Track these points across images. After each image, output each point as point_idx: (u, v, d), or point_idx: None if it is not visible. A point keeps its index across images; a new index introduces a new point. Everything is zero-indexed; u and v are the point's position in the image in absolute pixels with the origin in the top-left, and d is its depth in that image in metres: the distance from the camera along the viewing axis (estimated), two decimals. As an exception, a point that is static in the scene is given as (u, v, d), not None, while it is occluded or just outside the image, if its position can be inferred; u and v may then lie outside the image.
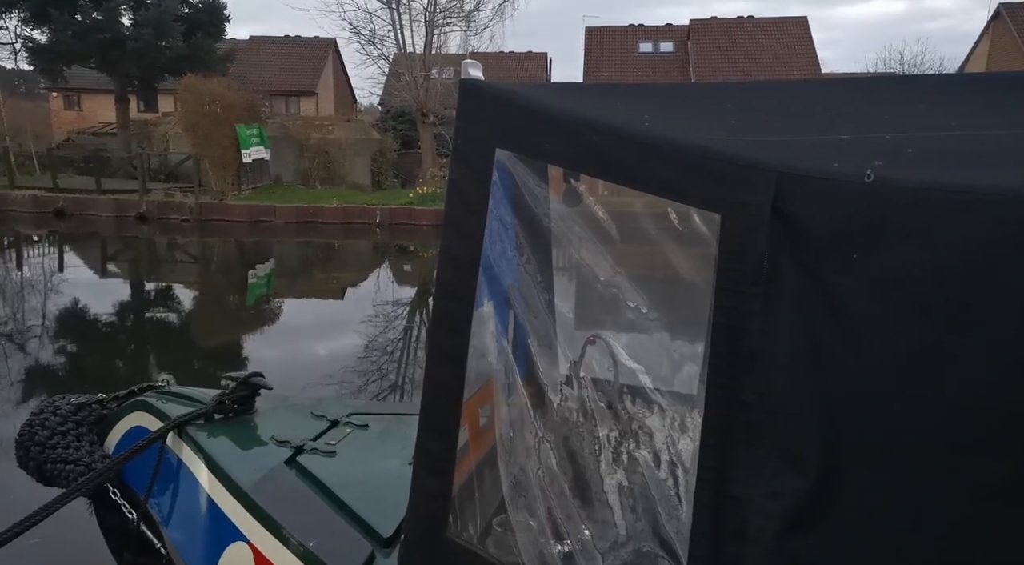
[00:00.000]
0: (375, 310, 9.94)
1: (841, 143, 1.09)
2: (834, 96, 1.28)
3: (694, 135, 1.14)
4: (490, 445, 1.51)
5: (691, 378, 1.26)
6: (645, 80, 27.97)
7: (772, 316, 1.02)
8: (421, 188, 19.26)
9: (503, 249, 1.40)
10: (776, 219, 1.01)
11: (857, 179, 0.97)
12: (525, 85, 1.46)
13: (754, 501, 1.00)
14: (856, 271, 0.97)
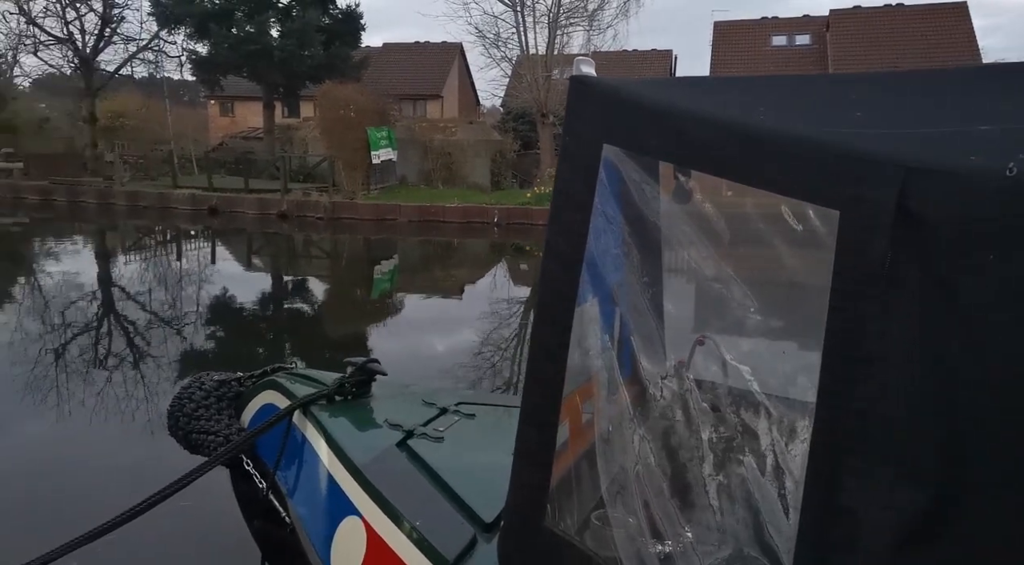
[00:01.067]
0: (490, 307, 10.16)
1: (979, 135, 1.00)
2: (972, 85, 1.18)
3: (813, 128, 1.09)
4: (591, 440, 1.52)
5: (802, 383, 1.20)
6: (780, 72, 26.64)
7: (892, 320, 0.96)
8: (538, 188, 19.44)
9: (608, 246, 1.40)
10: (900, 216, 0.95)
11: (997, 173, 0.90)
12: (635, 80, 1.45)
13: (865, 512, 0.94)
14: (989, 274, 0.89)
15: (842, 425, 0.99)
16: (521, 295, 11.96)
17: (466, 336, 8.31)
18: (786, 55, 28.16)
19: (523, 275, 13.64)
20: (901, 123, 1.08)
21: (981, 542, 0.87)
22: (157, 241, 17.15)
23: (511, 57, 22.67)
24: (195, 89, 34.81)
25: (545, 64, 20.91)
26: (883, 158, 0.99)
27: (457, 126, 23.86)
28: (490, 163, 22.43)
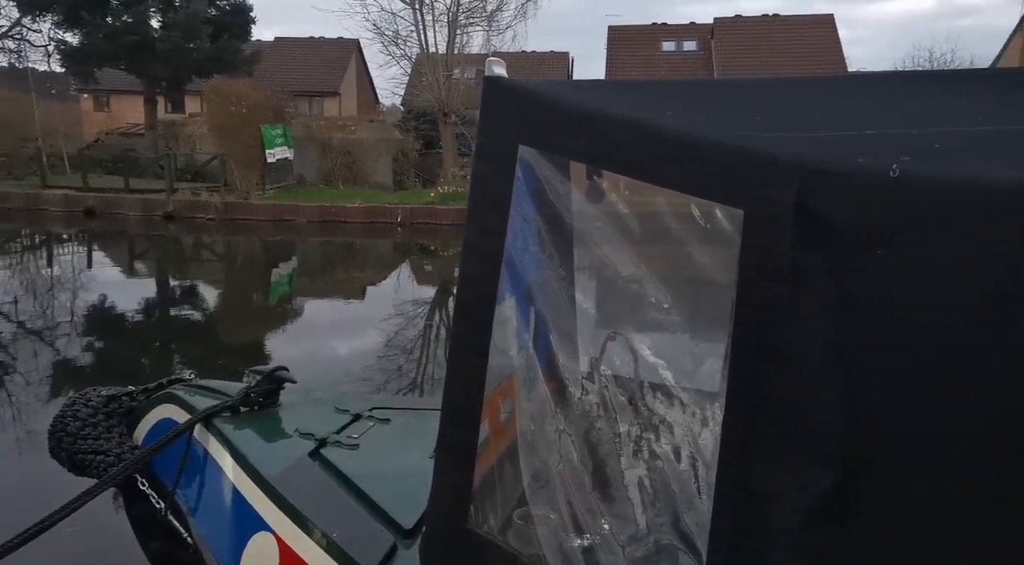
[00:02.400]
0: (396, 309, 10.01)
1: (866, 138, 1.08)
2: (858, 91, 1.28)
3: (717, 131, 1.14)
4: (511, 439, 1.53)
5: (713, 374, 1.26)
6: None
7: (796, 311, 1.02)
8: (442, 188, 19.36)
9: (525, 245, 1.41)
10: (800, 214, 1.01)
11: (882, 174, 0.97)
12: (548, 81, 1.47)
13: (776, 496, 1.00)
14: (881, 266, 0.96)
15: (751, 413, 1.04)
16: (427, 295, 11.87)
17: (372, 338, 8.15)
18: (676, 60, 29.43)
19: (428, 275, 13.54)
20: (797, 126, 1.15)
21: (888, 519, 0.94)
22: (25, 246, 15.74)
23: (411, 55, 22.43)
24: (65, 81, 32.16)
25: (446, 63, 20.83)
26: (782, 160, 1.05)
27: (357, 124, 23.34)
28: (392, 162, 22.11)
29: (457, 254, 13.16)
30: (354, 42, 31.94)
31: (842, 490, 0.94)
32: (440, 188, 19.42)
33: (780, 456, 1.01)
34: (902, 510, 0.93)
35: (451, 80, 20.69)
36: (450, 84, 20.67)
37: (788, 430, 1.01)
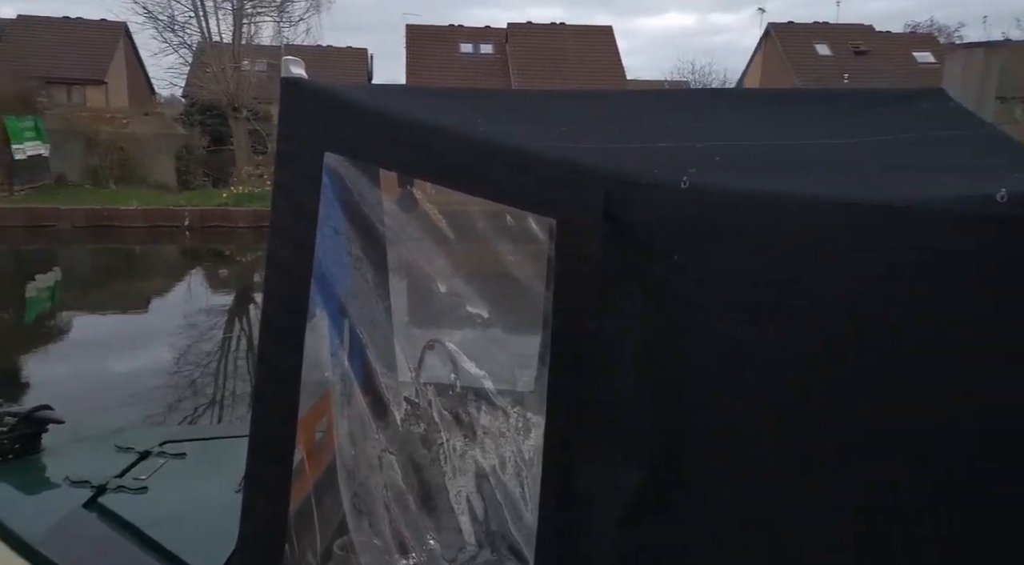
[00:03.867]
0: (187, 320, 9.13)
1: (660, 151, 1.16)
2: (649, 106, 1.37)
3: (528, 141, 1.16)
4: (328, 463, 1.44)
5: (533, 380, 1.28)
6: (468, 81, 28.35)
7: (608, 316, 1.06)
8: (236, 188, 17.98)
9: (336, 257, 1.33)
10: (607, 223, 1.06)
11: (675, 185, 1.04)
12: (354, 85, 1.40)
13: (597, 497, 1.03)
14: (679, 271, 1.04)
15: (572, 417, 1.07)
16: (223, 303, 10.97)
17: (160, 355, 7.35)
18: (474, 62, 30.15)
19: (224, 281, 12.54)
20: (599, 139, 1.20)
21: (699, 510, 1.01)
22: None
23: (191, 43, 20.54)
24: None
25: (233, 54, 19.37)
26: (590, 170, 1.09)
27: (129, 117, 20.91)
28: (176, 160, 20.10)
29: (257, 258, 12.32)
30: (121, 25, 28.53)
31: (657, 487, 1.00)
32: (234, 188, 18.02)
33: (600, 458, 1.05)
34: (713, 503, 1.00)
35: (240, 72, 19.29)
36: (239, 76, 19.25)
37: (605, 432, 1.05)
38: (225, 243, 15.44)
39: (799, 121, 1.26)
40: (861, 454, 0.95)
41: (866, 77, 28.92)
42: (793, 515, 0.98)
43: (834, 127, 1.20)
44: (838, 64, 30.10)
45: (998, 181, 0.95)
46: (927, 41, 31.69)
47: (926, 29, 34.14)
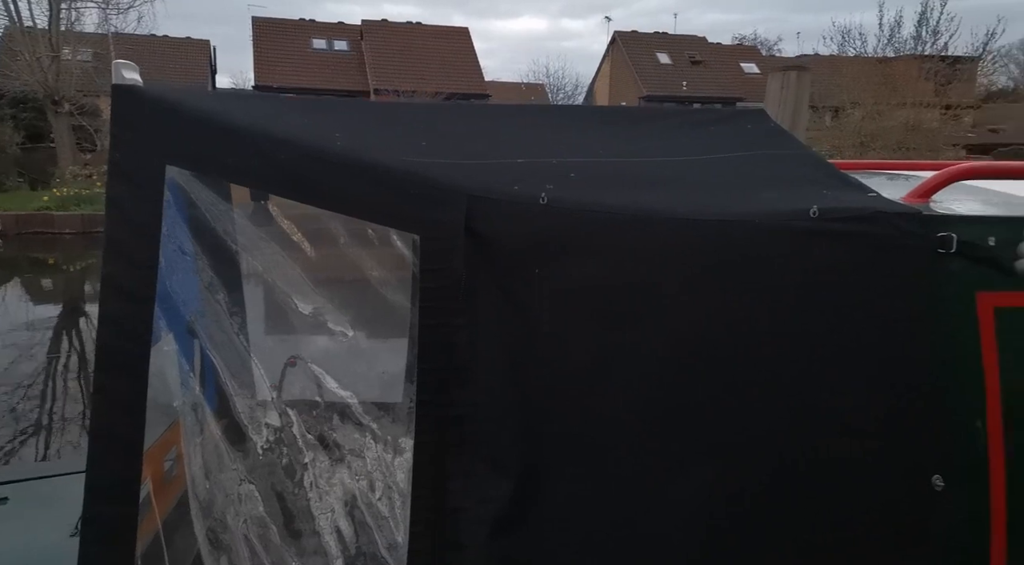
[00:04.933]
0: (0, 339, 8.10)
1: (518, 167, 1.19)
2: (507, 122, 1.40)
3: (388, 156, 1.14)
4: (179, 497, 1.34)
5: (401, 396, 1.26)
6: (323, 78, 27.39)
7: (474, 330, 1.08)
8: (59, 190, 16.17)
9: (183, 276, 1.24)
10: (470, 238, 1.07)
11: (533, 201, 1.08)
12: (198, 93, 1.31)
13: (467, 510, 1.04)
14: (539, 284, 1.07)
15: (440, 432, 1.07)
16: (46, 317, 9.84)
17: (-33, 382, 6.45)
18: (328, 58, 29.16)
19: (48, 294, 11.25)
20: (460, 153, 1.21)
21: (564, 516, 1.04)
22: None
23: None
24: None
25: (51, 42, 17.40)
26: (451, 186, 1.10)
27: (-81, 108, 18.18)
28: (-20, 158, 17.72)
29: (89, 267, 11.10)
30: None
31: (523, 497, 1.03)
32: (56, 190, 16.18)
33: (468, 472, 1.06)
34: (577, 508, 1.04)
35: (59, 62, 17.37)
36: (58, 66, 17.34)
37: (473, 445, 1.06)
38: (48, 251, 13.83)
39: (643, 138, 1.34)
40: (713, 452, 1.04)
41: (702, 84, 31.28)
42: (654, 513, 1.04)
43: (673, 144, 1.29)
44: (677, 72, 32.29)
45: (811, 197, 1.08)
46: (752, 53, 34.76)
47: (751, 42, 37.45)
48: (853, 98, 16.49)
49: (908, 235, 1.00)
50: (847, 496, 1.01)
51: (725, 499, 1.04)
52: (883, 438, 1.01)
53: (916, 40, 18.78)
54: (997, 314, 0.99)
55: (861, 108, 16.21)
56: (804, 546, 1.02)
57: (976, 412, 0.99)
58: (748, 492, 1.04)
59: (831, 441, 1.02)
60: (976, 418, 0.99)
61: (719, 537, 1.04)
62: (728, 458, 1.04)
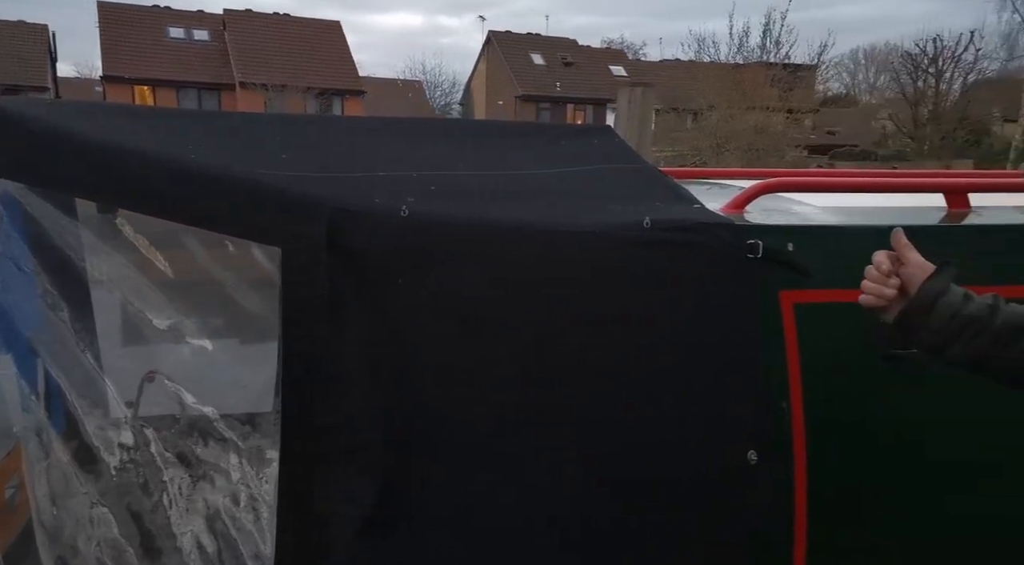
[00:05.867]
0: None
1: (380, 180, 1.23)
2: (367, 133, 1.43)
3: (247, 169, 1.14)
4: (22, 526, 1.26)
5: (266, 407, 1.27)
6: (181, 69, 25.71)
7: (339, 340, 1.11)
8: None
9: (23, 294, 1.18)
10: (332, 251, 1.10)
11: (395, 214, 1.12)
12: (36, 101, 1.24)
13: (334, 515, 1.07)
14: (403, 295, 1.12)
15: (307, 442, 1.09)
16: None
17: None
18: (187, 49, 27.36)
19: None
20: (320, 166, 1.23)
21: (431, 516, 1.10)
22: None
23: None
24: None
25: None
26: (312, 198, 1.12)
27: None
28: None
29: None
30: None
31: (392, 499, 1.07)
32: None
33: (337, 478, 1.09)
34: (443, 507, 1.10)
35: None
36: None
37: (341, 453, 1.09)
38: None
39: (501, 151, 1.42)
40: (566, 445, 1.13)
41: (574, 85, 32.32)
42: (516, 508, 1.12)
43: (527, 158, 1.37)
44: (551, 73, 33.15)
45: (646, 209, 1.20)
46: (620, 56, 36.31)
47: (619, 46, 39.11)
48: (710, 102, 17.67)
49: (723, 243, 1.14)
50: (680, 473, 1.14)
51: (579, 487, 1.14)
52: (708, 421, 1.14)
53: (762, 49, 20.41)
54: (796, 309, 1.15)
55: (717, 111, 17.42)
56: (646, 516, 1.14)
57: (782, 393, 1.15)
58: (601, 478, 1.14)
59: (666, 425, 1.14)
60: (782, 399, 1.15)
61: (576, 522, 1.14)
62: (580, 450, 1.14)
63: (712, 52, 21.35)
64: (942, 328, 0.92)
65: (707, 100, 17.79)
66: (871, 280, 0.98)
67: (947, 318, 0.92)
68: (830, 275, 1.17)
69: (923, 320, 0.93)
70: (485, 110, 35.26)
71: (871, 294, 0.98)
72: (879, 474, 1.21)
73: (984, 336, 0.91)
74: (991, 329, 0.90)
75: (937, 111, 21.50)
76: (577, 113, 33.03)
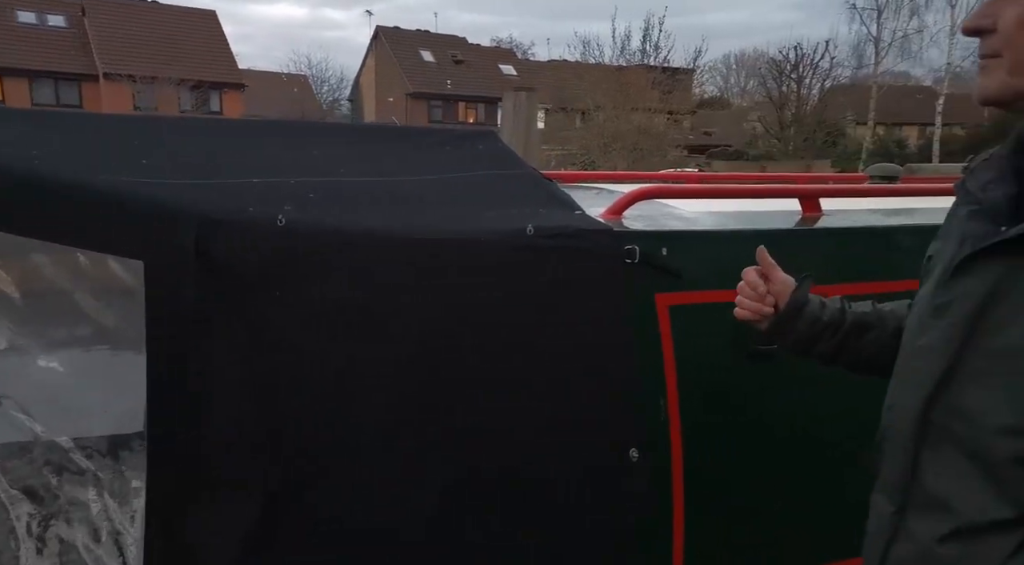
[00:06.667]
0: None
1: (253, 187, 1.16)
2: (239, 137, 1.35)
3: (104, 176, 1.06)
4: None
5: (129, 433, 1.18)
6: (36, 57, 23.48)
7: (211, 356, 1.04)
8: None
9: None
10: (202, 262, 1.03)
11: (271, 223, 1.07)
12: None
13: (208, 546, 1.01)
14: (281, 305, 1.07)
15: (179, 468, 1.02)
16: None
17: None
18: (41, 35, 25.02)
19: None
20: (187, 172, 1.15)
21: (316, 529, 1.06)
22: None
23: None
24: None
25: None
26: (179, 209, 1.05)
27: None
28: None
29: None
30: None
31: (273, 514, 1.03)
32: None
33: (211, 503, 1.03)
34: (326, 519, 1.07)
35: None
36: None
37: (216, 476, 1.03)
38: None
39: (382, 157, 1.38)
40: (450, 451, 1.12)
41: (465, 84, 32.33)
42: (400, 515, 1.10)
43: (411, 164, 1.35)
44: (441, 71, 33.00)
45: (529, 216, 1.21)
46: (509, 55, 36.69)
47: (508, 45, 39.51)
48: (596, 102, 18.23)
49: (603, 249, 1.17)
50: (566, 474, 1.16)
51: (466, 493, 1.13)
52: (593, 420, 1.18)
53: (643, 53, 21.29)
54: (671, 311, 1.21)
55: (603, 112, 18.00)
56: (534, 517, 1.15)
57: (659, 391, 1.20)
58: (488, 482, 1.15)
59: (553, 426, 1.16)
60: (660, 396, 1.20)
61: (464, 528, 1.14)
62: (466, 456, 1.14)
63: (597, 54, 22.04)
64: (806, 333, 1.06)
65: (594, 101, 18.34)
66: (747, 298, 1.08)
67: (810, 324, 1.05)
68: (701, 277, 1.23)
69: (791, 328, 1.06)
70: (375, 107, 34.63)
71: (748, 310, 1.08)
72: (749, 461, 1.29)
73: (839, 335, 1.04)
74: (844, 329, 1.04)
75: (799, 114, 23.22)
76: (469, 111, 33.09)
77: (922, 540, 0.81)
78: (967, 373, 0.78)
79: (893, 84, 25.26)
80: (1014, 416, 0.74)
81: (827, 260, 1.27)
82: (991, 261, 0.77)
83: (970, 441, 0.77)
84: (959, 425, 0.78)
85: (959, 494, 0.78)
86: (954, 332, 0.79)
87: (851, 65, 23.68)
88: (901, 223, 1.55)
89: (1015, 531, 0.74)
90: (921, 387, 0.82)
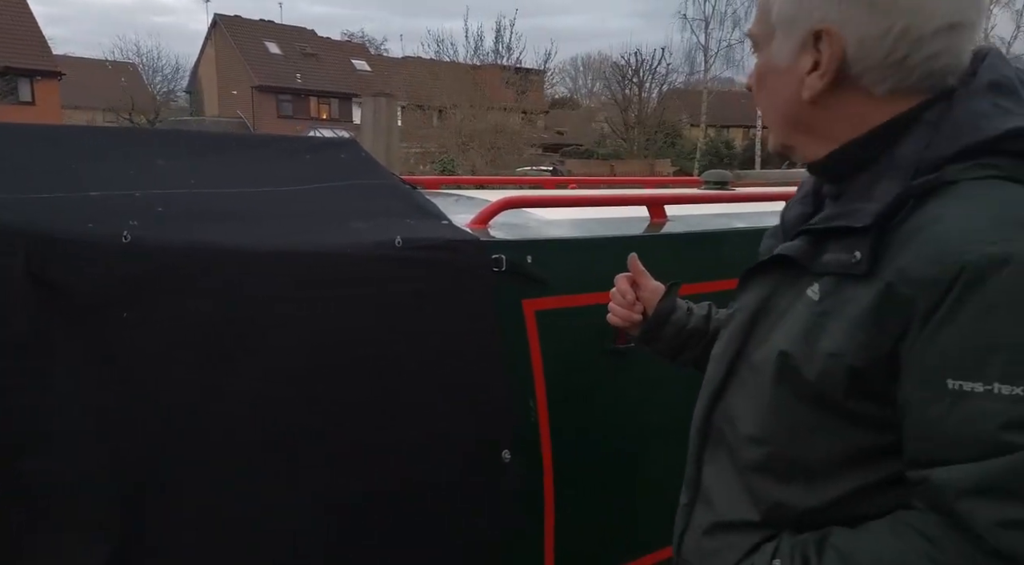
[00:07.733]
0: None
1: (93, 201, 1.08)
2: (76, 146, 1.24)
3: None
4: None
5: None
6: None
7: (47, 389, 0.96)
8: None
9: None
10: (34, 287, 0.95)
11: (115, 240, 1.00)
12: None
13: None
14: (127, 331, 1.00)
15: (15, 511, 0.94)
16: None
17: None
18: None
19: None
20: (15, 187, 1.05)
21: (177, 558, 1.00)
22: None
23: None
24: None
25: None
26: (6, 227, 0.95)
27: None
28: None
29: None
30: None
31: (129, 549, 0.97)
32: None
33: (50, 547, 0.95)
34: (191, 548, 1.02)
35: None
36: None
37: (54, 515, 0.96)
38: None
39: (240, 166, 1.32)
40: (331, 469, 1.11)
41: (316, 78, 31.15)
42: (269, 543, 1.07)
43: (269, 174, 1.30)
44: (290, 63, 31.58)
45: (396, 227, 1.22)
46: (362, 50, 35.85)
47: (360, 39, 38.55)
48: (453, 101, 18.28)
49: (470, 258, 1.21)
50: (442, 475, 1.19)
51: (341, 506, 1.13)
52: (465, 425, 1.21)
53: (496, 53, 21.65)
54: (537, 315, 1.27)
55: (460, 110, 18.09)
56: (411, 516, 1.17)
57: (529, 393, 1.26)
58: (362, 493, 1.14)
59: (426, 432, 1.18)
60: (529, 398, 1.26)
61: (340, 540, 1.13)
62: (339, 470, 1.13)
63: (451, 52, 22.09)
64: (673, 341, 1.09)
65: (450, 99, 18.38)
66: (619, 305, 1.11)
67: (676, 333, 1.08)
68: (563, 282, 1.30)
69: (659, 335, 1.09)
70: (218, 100, 32.48)
71: (619, 318, 1.11)
72: (612, 454, 1.39)
73: (704, 342, 1.07)
74: (708, 335, 1.07)
75: (641, 116, 24.69)
76: (322, 107, 31.94)
77: (697, 531, 0.89)
78: (736, 382, 0.85)
79: (721, 89, 27.51)
80: (755, 427, 0.80)
81: (673, 262, 1.38)
82: (765, 277, 0.83)
83: (732, 445, 0.85)
84: (728, 429, 0.86)
85: (720, 492, 0.86)
86: (730, 343, 0.86)
87: (684, 71, 25.50)
88: (735, 227, 1.72)
89: (755, 532, 0.81)
90: (708, 391, 0.89)
